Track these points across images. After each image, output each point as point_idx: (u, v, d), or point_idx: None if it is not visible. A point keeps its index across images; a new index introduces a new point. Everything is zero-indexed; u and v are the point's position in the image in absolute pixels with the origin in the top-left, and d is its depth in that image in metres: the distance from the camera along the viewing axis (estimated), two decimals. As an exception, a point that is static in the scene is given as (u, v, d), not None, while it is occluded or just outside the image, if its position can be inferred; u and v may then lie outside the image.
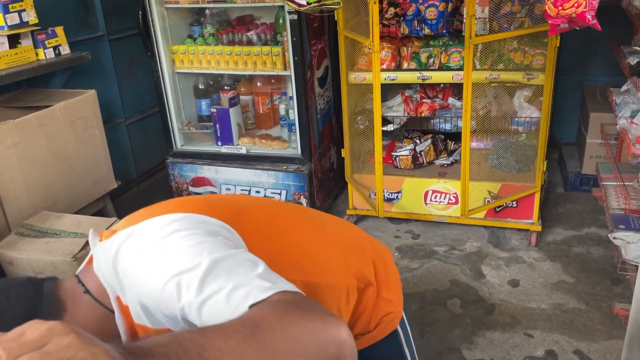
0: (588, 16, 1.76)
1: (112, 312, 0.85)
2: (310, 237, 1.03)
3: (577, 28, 1.90)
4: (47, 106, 2.47)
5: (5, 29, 2.37)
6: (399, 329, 1.18)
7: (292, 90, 2.88)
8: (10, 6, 2.37)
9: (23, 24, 2.44)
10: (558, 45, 2.40)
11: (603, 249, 2.72)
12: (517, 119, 2.77)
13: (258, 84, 3.16)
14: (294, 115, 2.92)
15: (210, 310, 0.71)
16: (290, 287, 0.73)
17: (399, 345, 1.19)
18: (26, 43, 2.51)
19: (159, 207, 0.93)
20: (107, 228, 0.99)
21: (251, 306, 0.68)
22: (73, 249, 2.00)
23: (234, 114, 3.04)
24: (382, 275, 1.12)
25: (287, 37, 2.72)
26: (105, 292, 0.85)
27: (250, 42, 2.94)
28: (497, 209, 2.81)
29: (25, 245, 2.08)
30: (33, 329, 0.41)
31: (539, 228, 2.77)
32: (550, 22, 1.89)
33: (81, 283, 0.88)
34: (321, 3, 2.21)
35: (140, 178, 3.57)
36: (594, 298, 2.39)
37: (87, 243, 2.04)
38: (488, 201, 2.80)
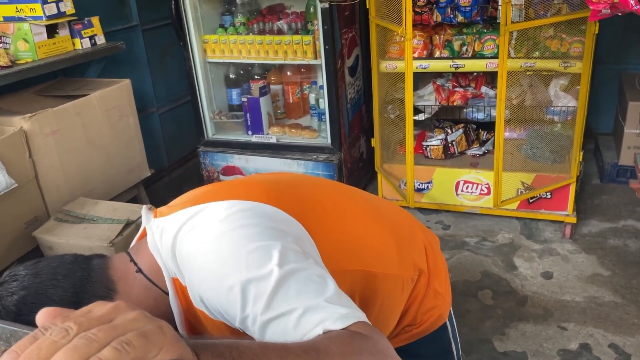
0: (631, 1, 1.70)
1: (167, 293, 0.81)
2: (368, 224, 0.99)
3: (619, 14, 1.84)
4: (84, 95, 2.52)
5: (44, 19, 2.42)
6: (447, 323, 1.14)
7: (322, 79, 2.87)
8: (48, -3, 2.42)
9: (60, 14, 2.49)
10: (597, 32, 2.34)
11: (640, 242, 2.66)
12: (552, 108, 2.71)
13: (288, 73, 3.16)
14: (324, 104, 2.91)
15: (275, 330, 0.68)
16: (362, 316, 0.69)
17: (448, 340, 1.15)
18: (63, 33, 2.56)
19: (224, 189, 0.88)
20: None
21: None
22: (110, 235, 2.05)
23: (264, 104, 3.05)
24: (432, 264, 1.09)
25: (318, 25, 2.71)
26: (158, 271, 0.81)
27: (280, 31, 2.94)
28: (531, 200, 2.76)
29: (63, 230, 2.14)
30: (100, 307, 0.43)
31: (573, 220, 2.71)
32: (591, 7, 1.84)
33: (133, 262, 0.84)
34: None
35: (172, 166, 3.62)
36: (630, 292, 2.34)
37: (123, 229, 2.08)
38: (521, 192, 2.75)
